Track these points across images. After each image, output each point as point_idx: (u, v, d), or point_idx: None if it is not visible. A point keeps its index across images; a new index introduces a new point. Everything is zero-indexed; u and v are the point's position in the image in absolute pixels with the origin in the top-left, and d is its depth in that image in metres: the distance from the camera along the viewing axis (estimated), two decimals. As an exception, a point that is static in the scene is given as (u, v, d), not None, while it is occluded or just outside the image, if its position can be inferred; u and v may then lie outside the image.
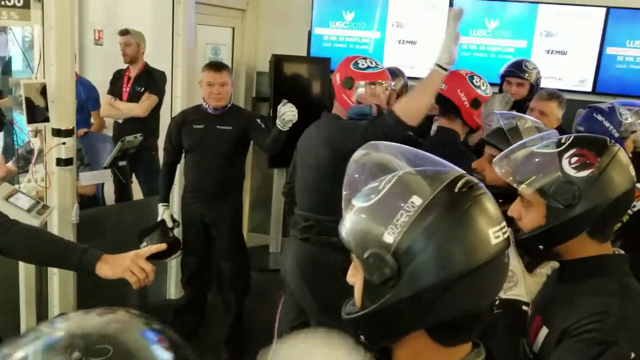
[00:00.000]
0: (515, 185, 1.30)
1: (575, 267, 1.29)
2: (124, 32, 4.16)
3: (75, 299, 3.13)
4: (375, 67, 2.42)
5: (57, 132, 2.95)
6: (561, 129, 2.86)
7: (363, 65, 2.39)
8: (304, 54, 4.51)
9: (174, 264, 3.89)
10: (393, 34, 4.34)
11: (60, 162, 2.99)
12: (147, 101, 4.04)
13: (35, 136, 3.06)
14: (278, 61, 4.33)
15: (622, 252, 1.31)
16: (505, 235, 0.86)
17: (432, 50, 2.34)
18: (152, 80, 4.14)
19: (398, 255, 0.82)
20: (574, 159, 1.24)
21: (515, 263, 1.49)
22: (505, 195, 1.41)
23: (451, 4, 4.17)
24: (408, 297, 0.82)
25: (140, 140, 3.76)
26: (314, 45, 4.47)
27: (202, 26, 4.10)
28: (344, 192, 0.96)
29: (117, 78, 4.28)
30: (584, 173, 1.21)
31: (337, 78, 2.41)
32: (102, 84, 4.44)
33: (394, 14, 4.32)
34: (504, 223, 0.87)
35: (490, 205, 0.86)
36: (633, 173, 1.26)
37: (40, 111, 2.85)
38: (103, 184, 3.91)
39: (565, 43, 4.11)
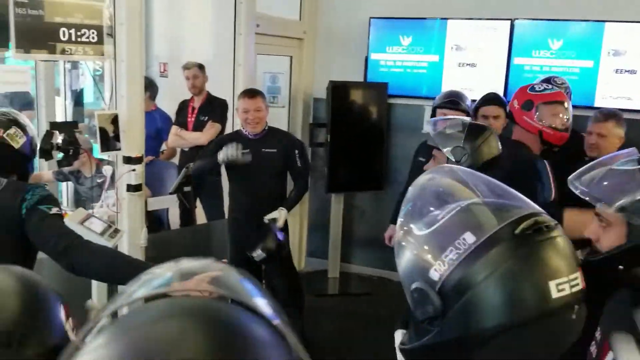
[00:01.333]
0: (595, 204, 1.22)
1: None
2: (192, 65, 4.34)
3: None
4: (552, 88, 2.53)
5: (127, 160, 3.10)
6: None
7: (539, 88, 2.50)
8: (361, 79, 4.57)
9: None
10: (452, 56, 4.34)
11: (130, 187, 3.13)
12: (211, 130, 4.19)
13: (108, 164, 3.23)
14: (335, 87, 4.40)
15: None
16: (576, 289, 0.76)
17: (492, 72, 2.36)
18: (215, 109, 4.29)
19: (443, 294, 0.76)
20: None
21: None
22: None
23: (512, 26, 4.14)
24: (452, 339, 0.76)
25: (204, 167, 3.89)
26: (371, 71, 4.53)
27: (260, 55, 4.24)
28: (399, 220, 0.88)
29: (182, 108, 4.46)
30: None
31: (514, 104, 2.50)
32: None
33: (452, 37, 4.32)
34: (577, 274, 0.77)
35: (559, 252, 0.76)
36: None
37: (112, 140, 3.01)
38: (168, 209, 4.06)
39: (635, 62, 3.99)
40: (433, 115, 3.45)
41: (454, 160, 2.08)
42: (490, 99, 3.30)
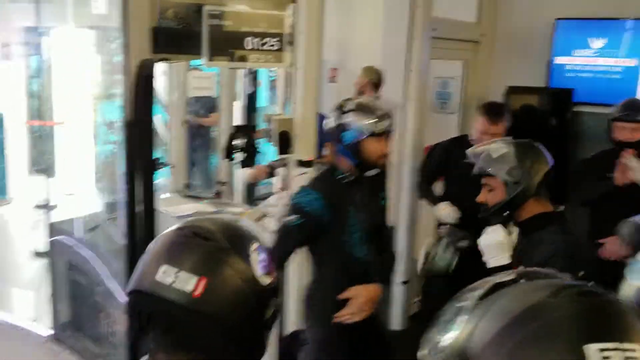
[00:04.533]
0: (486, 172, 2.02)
1: (529, 224, 1.95)
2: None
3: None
4: None
5: (300, 163, 3.20)
6: None
7: None
8: (542, 84, 4.24)
9: (398, 293, 3.90)
10: (651, 61, 3.86)
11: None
12: None
13: (283, 166, 3.35)
14: (513, 93, 4.14)
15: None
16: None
17: None
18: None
19: None
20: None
21: (505, 236, 1.99)
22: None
23: None
24: None
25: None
26: (555, 76, 4.19)
27: (433, 60, 4.12)
28: None
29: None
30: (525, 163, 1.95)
31: None
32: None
33: (653, 39, 3.84)
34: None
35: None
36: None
37: (288, 144, 3.12)
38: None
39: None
40: (609, 128, 3.05)
41: None
42: None
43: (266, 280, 0.96)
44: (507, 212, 1.96)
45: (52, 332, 3.68)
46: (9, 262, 5.07)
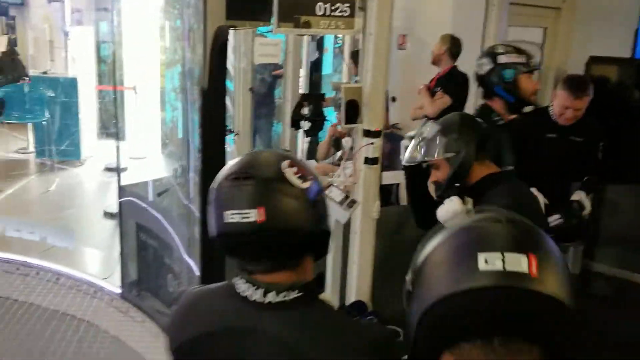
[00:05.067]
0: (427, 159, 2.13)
1: (478, 187, 2.04)
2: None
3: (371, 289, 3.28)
4: None
5: (367, 133, 3.13)
6: None
7: None
8: (628, 55, 3.98)
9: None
10: None
11: (367, 160, 3.16)
12: (438, 100, 4.04)
13: (349, 135, 3.29)
14: (595, 63, 3.90)
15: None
16: None
17: None
18: (450, 82, 4.13)
19: None
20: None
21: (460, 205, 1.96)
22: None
23: None
24: None
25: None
26: (642, 45, 3.91)
27: (511, 27, 3.92)
28: None
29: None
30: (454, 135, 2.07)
31: None
32: (405, 87, 4.60)
33: None
34: None
35: None
36: None
37: (355, 113, 3.05)
38: (399, 184, 4.05)
39: None
40: None
41: None
42: None
43: (305, 184, 1.16)
44: (458, 183, 2.07)
45: (120, 290, 3.83)
46: (83, 222, 5.30)
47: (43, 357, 3.22)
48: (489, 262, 0.70)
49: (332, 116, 3.77)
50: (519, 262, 0.70)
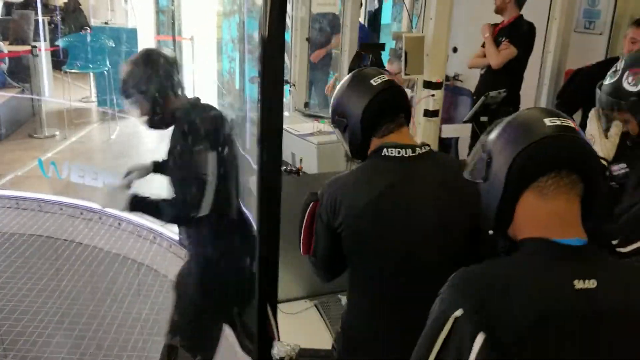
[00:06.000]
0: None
1: None
2: None
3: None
4: None
5: (427, 84, 3.03)
6: None
7: None
8: None
9: None
10: None
11: (427, 113, 3.07)
12: (505, 51, 3.84)
13: (408, 87, 3.19)
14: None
15: None
16: None
17: None
18: (516, 32, 3.91)
19: None
20: None
21: (594, 126, 1.84)
22: None
23: None
24: None
25: (503, 96, 3.63)
26: None
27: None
28: None
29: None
30: None
31: None
32: (467, 37, 4.40)
33: None
34: None
35: None
36: None
37: (418, 63, 2.95)
38: (458, 138, 3.92)
39: None
40: None
41: None
42: None
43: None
44: None
45: (178, 236, 3.93)
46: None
47: (106, 297, 3.37)
48: (552, 121, 1.05)
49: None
50: (568, 122, 1.07)
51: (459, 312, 0.98)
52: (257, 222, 1.91)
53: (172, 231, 3.98)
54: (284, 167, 3.07)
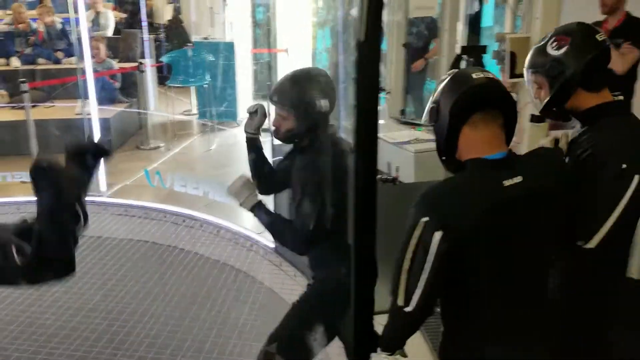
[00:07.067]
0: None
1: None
2: None
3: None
4: None
5: (533, 88, 2.86)
6: None
7: None
8: None
9: None
10: None
11: (533, 118, 2.90)
12: (630, 55, 3.52)
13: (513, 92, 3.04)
14: None
15: None
16: None
17: None
18: (633, 32, 3.59)
19: None
20: None
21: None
22: None
23: None
24: None
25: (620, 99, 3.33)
26: None
27: None
28: None
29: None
30: None
31: None
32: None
33: None
34: None
35: None
36: None
37: (519, 65, 2.79)
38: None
39: None
40: None
41: None
42: None
43: None
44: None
45: (274, 245, 3.97)
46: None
47: (206, 302, 3.46)
48: (477, 75, 1.43)
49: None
50: (489, 75, 1.44)
51: (425, 219, 1.33)
52: (352, 233, 1.85)
53: (267, 239, 4.04)
54: (380, 176, 3.01)
